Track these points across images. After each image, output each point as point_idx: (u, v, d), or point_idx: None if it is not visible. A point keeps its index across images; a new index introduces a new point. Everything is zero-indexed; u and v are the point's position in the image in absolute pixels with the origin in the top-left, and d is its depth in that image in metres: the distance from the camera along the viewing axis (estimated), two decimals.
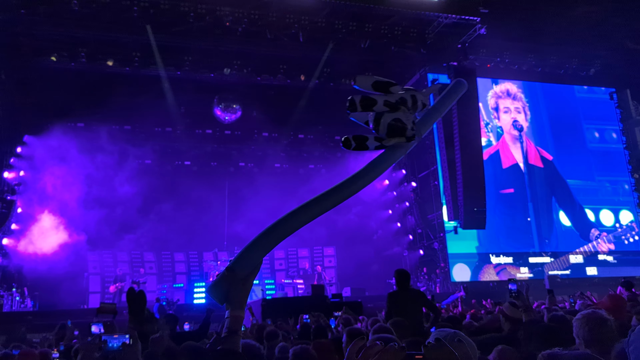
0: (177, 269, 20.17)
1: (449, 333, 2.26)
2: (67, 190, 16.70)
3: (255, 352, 3.51)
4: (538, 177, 19.24)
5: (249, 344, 3.79)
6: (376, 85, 2.21)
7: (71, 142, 16.36)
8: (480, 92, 17.92)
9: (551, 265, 18.32)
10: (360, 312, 11.43)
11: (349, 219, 19.92)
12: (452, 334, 2.23)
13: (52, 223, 16.40)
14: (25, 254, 15.89)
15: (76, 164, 16.68)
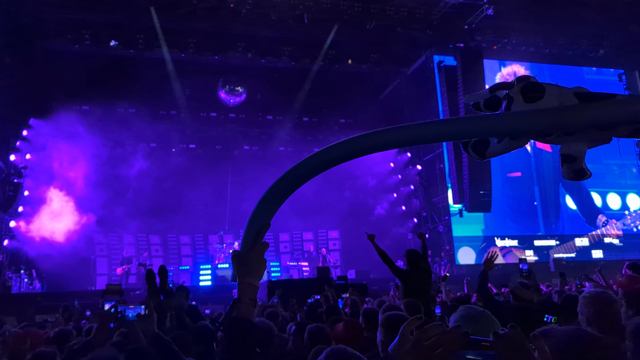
0: (183, 251, 20.30)
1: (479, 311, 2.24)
2: (72, 173, 16.76)
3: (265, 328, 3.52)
4: (545, 160, 19.12)
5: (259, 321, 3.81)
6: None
7: (76, 125, 16.36)
8: (487, 74, 17.76)
9: (557, 249, 18.32)
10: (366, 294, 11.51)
11: (353, 202, 19.94)
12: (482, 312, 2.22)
13: (60, 206, 16.49)
14: (32, 237, 16.02)
15: (81, 147, 16.70)
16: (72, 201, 16.71)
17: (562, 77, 20.25)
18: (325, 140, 21.32)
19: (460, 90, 16.71)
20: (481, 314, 2.37)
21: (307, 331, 3.35)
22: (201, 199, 19.17)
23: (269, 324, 3.84)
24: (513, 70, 19.76)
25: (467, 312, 2.42)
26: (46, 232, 15.92)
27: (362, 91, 20.19)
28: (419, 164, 19.90)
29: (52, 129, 16.27)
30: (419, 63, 19.13)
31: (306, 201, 19.18)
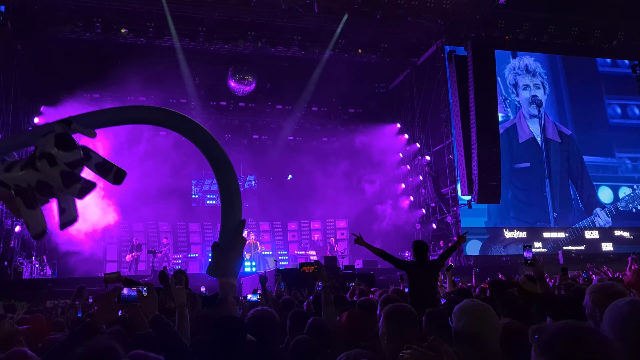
0: (191, 239, 20.47)
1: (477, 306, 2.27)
2: None
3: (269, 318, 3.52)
4: (554, 151, 18.96)
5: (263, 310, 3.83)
6: None
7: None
8: (498, 65, 17.58)
9: (566, 240, 18.23)
10: (373, 284, 11.57)
11: (361, 192, 19.95)
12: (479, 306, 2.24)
13: None
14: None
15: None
16: None
17: (574, 68, 20.03)
18: (335, 129, 21.34)
19: (471, 81, 16.57)
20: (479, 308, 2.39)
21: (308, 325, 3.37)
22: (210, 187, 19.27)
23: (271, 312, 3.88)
24: (525, 64, 19.54)
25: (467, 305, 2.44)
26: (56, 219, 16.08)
27: (371, 81, 20.14)
28: (427, 154, 19.83)
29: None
30: (430, 53, 18.97)
31: (314, 191, 19.25)
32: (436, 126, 19.10)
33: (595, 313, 2.88)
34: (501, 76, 18.57)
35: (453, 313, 2.32)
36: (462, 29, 17.15)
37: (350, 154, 19.75)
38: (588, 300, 2.99)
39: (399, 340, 2.42)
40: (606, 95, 20.21)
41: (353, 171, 19.58)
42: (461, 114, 16.97)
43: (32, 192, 1.67)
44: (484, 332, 2.15)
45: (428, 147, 19.98)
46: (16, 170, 1.67)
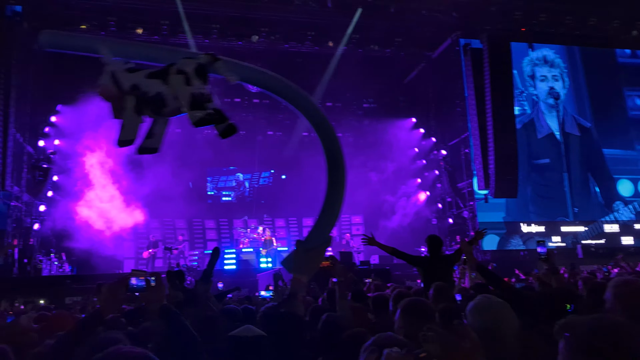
0: (208, 235, 20.59)
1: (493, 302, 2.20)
2: (99, 158, 17.08)
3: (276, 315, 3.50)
4: (573, 145, 18.64)
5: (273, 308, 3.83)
6: None
7: (103, 112, 16.56)
8: (515, 58, 17.34)
9: (585, 234, 17.93)
10: (389, 279, 11.49)
11: (376, 187, 19.84)
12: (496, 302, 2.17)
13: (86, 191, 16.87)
14: (62, 221, 16.44)
15: (107, 132, 16.96)
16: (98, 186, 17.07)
17: (593, 60, 19.65)
18: (349, 125, 21.23)
19: (487, 74, 16.37)
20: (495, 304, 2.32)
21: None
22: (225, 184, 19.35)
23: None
24: (543, 55, 19.23)
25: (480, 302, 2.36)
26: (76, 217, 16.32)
27: (386, 75, 19.94)
28: (443, 148, 19.64)
29: (79, 115, 16.55)
30: (445, 46, 18.74)
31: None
32: (452, 120, 18.91)
33: (616, 307, 2.80)
34: (518, 69, 18.29)
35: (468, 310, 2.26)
36: (478, 22, 16.93)
37: (365, 149, 19.63)
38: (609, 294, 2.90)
39: (415, 334, 2.37)
40: (625, 87, 19.81)
41: (368, 166, 19.48)
42: (477, 108, 16.78)
43: (145, 99, 1.73)
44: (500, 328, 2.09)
45: (444, 142, 19.80)
46: (141, 76, 1.73)
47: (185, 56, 1.75)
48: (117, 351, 1.46)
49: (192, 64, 1.73)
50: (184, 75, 1.71)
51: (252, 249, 18.02)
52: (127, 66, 1.73)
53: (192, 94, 1.75)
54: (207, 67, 1.77)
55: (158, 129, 1.81)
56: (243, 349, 1.83)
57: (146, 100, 1.70)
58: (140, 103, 1.71)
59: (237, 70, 1.94)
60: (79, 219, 16.27)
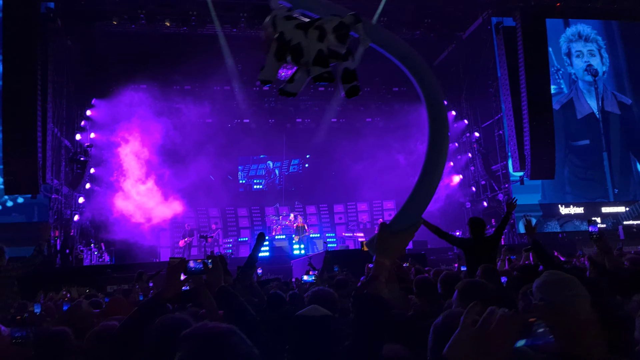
0: (240, 223, 20.82)
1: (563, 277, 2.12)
2: (133, 151, 17.42)
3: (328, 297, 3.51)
4: (614, 124, 18.04)
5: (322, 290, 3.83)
6: None
7: (135, 104, 16.87)
8: (550, 35, 16.77)
9: (626, 215, 17.39)
10: (425, 263, 11.40)
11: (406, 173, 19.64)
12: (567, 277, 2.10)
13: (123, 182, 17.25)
14: (100, 212, 16.86)
15: (141, 124, 17.27)
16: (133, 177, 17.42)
17: (632, 34, 18.90)
18: (378, 109, 21.03)
19: (521, 53, 15.90)
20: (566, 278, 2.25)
21: None
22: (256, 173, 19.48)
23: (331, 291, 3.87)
24: (578, 31, 18.59)
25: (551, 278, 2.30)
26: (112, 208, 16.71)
27: None
28: (476, 130, 19.27)
29: (113, 108, 16.88)
30: (476, 26, 18.28)
31: (359, 172, 19.11)
32: (484, 102, 18.50)
33: None
34: (553, 47, 17.73)
35: (536, 287, 2.19)
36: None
37: (395, 134, 19.43)
38: None
39: None
40: None
41: (398, 151, 19.28)
42: (510, 88, 16.36)
43: (286, 47, 1.84)
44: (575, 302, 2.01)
45: (476, 124, 19.42)
46: (291, 25, 1.81)
47: (333, 12, 1.87)
48: (204, 327, 1.45)
49: (334, 21, 1.83)
50: (320, 31, 1.80)
51: (284, 236, 18.15)
52: (287, 13, 1.85)
53: (320, 50, 1.83)
54: (349, 27, 1.87)
55: (299, 76, 1.92)
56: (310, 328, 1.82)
57: (287, 48, 1.82)
58: (282, 49, 1.83)
59: (374, 33, 2.05)
60: (117, 210, 16.66)
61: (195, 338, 1.40)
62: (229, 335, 1.41)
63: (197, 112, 18.64)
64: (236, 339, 1.42)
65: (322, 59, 1.85)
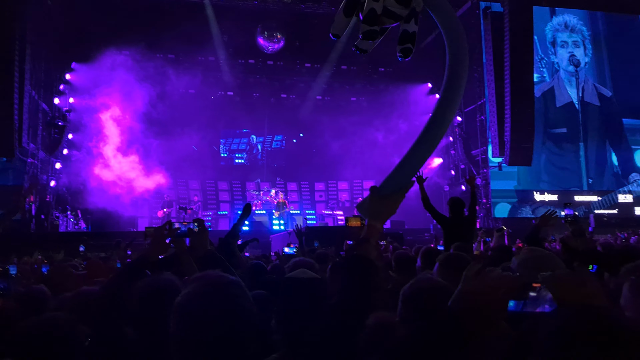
0: (220, 197, 20.77)
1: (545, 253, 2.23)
2: (114, 116, 17.12)
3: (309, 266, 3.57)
4: (592, 115, 18.38)
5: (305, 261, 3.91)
6: None
7: (117, 70, 16.51)
8: (536, 23, 16.89)
9: (598, 204, 17.88)
10: (402, 243, 11.59)
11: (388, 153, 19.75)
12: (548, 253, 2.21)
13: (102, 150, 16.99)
14: (77, 179, 16.62)
15: (122, 91, 16.93)
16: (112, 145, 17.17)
17: (617, 26, 19.14)
18: (364, 89, 20.99)
19: (507, 39, 15.99)
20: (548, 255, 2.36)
21: None
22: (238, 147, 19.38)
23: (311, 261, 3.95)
24: (564, 21, 18.74)
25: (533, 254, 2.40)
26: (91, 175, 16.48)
27: None
28: (459, 115, 19.43)
29: (94, 73, 16.49)
30: (464, 10, 18.27)
31: (342, 151, 19.17)
32: (468, 86, 18.43)
33: None
34: (539, 35, 17.86)
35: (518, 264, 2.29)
36: None
37: (379, 114, 19.47)
38: None
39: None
40: None
41: (382, 131, 19.36)
42: (495, 74, 16.49)
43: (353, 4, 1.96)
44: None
45: (459, 108, 19.55)
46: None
47: None
48: (208, 277, 1.47)
49: None
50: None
51: (264, 211, 18.19)
52: None
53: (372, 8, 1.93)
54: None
55: None
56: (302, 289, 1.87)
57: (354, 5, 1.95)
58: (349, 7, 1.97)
59: None
60: (95, 178, 16.43)
61: (204, 282, 1.42)
62: (235, 287, 1.44)
63: (181, 82, 18.33)
64: (240, 292, 1.44)
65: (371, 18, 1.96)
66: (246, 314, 1.41)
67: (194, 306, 1.37)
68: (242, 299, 1.43)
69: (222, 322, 1.35)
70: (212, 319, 1.35)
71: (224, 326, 1.35)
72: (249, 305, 1.44)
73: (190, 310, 1.37)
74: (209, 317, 1.35)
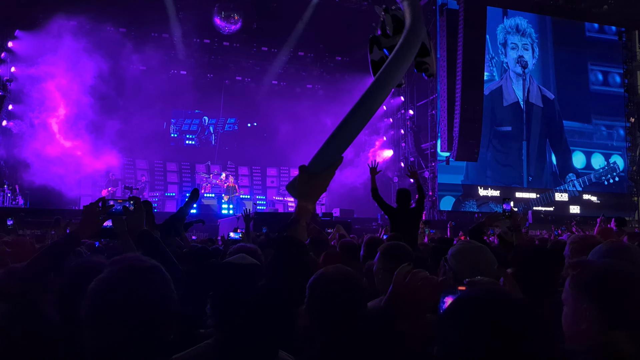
0: (169, 178, 20.34)
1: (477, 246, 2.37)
2: (59, 90, 16.38)
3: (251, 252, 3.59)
4: (536, 115, 19.19)
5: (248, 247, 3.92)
6: None
7: (64, 40, 15.75)
8: (490, 24, 17.39)
9: (536, 201, 18.77)
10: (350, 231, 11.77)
11: None
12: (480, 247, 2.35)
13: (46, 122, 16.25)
14: (16, 152, 15.84)
15: (68, 63, 16.20)
16: (57, 118, 16.46)
17: (563, 32, 19.99)
18: (320, 77, 21.00)
19: (461, 36, 16.39)
20: (479, 248, 2.50)
21: None
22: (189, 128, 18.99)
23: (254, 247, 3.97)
24: (516, 24, 19.37)
25: (465, 246, 2.54)
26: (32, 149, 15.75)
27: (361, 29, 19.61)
28: (411, 108, 19.82)
29: (39, 42, 15.68)
30: (422, 4, 18.56)
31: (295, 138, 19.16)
32: (422, 80, 18.99)
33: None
34: (490, 34, 18.39)
35: (451, 255, 2.41)
36: None
37: (333, 103, 19.54)
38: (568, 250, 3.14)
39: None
40: (590, 61, 20.33)
41: (335, 120, 19.40)
42: (447, 70, 16.88)
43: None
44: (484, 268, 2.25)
45: (412, 102, 19.97)
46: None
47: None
48: (131, 258, 1.44)
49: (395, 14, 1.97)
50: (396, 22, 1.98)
51: (213, 194, 17.98)
52: None
53: (373, 35, 2.04)
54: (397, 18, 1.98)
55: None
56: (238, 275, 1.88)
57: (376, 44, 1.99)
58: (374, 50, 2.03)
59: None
60: (36, 151, 15.70)
61: (119, 267, 1.38)
62: (151, 272, 1.40)
63: (132, 58, 17.73)
64: (158, 277, 1.40)
65: (375, 41, 2.07)
66: (163, 299, 1.38)
67: (106, 292, 1.34)
68: (159, 284, 1.39)
69: (136, 308, 1.32)
70: (125, 305, 1.32)
71: (137, 312, 1.32)
72: (167, 291, 1.40)
73: (102, 295, 1.34)
74: (122, 303, 1.32)
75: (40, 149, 15.78)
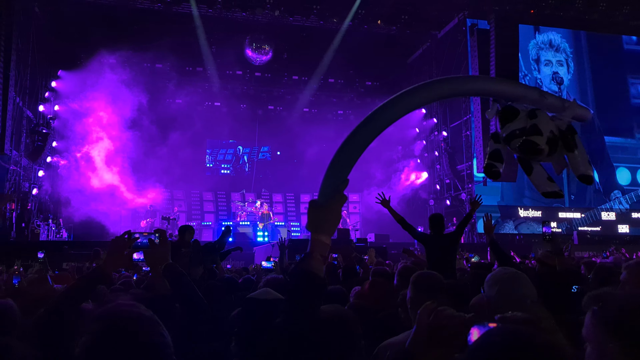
0: (205, 207, 20.63)
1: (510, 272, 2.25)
2: (100, 126, 17.00)
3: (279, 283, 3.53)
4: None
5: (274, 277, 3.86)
6: None
7: (104, 79, 16.42)
8: (521, 40, 17.14)
9: (581, 221, 18.04)
10: (385, 257, 11.57)
11: (375, 166, 19.80)
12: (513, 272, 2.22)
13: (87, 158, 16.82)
14: (60, 187, 16.42)
15: (108, 100, 16.84)
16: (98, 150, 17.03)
17: (599, 46, 19.47)
18: (351, 102, 21.10)
19: (492, 56, 16.21)
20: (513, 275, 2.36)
21: None
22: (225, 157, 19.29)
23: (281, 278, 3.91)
24: (549, 39, 19.01)
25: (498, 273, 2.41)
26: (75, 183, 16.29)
27: (390, 53, 19.72)
28: (444, 130, 19.58)
29: (80, 81, 16.39)
30: (451, 26, 18.52)
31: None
32: (454, 102, 18.79)
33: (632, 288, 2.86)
34: (523, 52, 18.10)
35: (485, 282, 2.29)
36: (486, 2, 16.69)
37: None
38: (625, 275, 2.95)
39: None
40: (630, 75, 19.67)
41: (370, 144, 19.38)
42: None
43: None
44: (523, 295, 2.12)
45: (445, 123, 19.73)
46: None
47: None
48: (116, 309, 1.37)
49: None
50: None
51: (249, 222, 18.09)
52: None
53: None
54: (512, 108, 1.63)
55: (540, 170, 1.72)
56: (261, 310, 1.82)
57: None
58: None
59: None
60: (79, 186, 16.24)
61: (103, 320, 1.32)
62: (138, 321, 1.33)
63: (168, 92, 18.30)
64: (147, 326, 1.33)
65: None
66: (155, 350, 1.31)
67: (98, 348, 1.29)
68: (152, 335, 1.33)
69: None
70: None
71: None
72: (160, 340, 1.33)
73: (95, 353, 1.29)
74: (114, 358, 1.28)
75: (84, 183, 16.32)
